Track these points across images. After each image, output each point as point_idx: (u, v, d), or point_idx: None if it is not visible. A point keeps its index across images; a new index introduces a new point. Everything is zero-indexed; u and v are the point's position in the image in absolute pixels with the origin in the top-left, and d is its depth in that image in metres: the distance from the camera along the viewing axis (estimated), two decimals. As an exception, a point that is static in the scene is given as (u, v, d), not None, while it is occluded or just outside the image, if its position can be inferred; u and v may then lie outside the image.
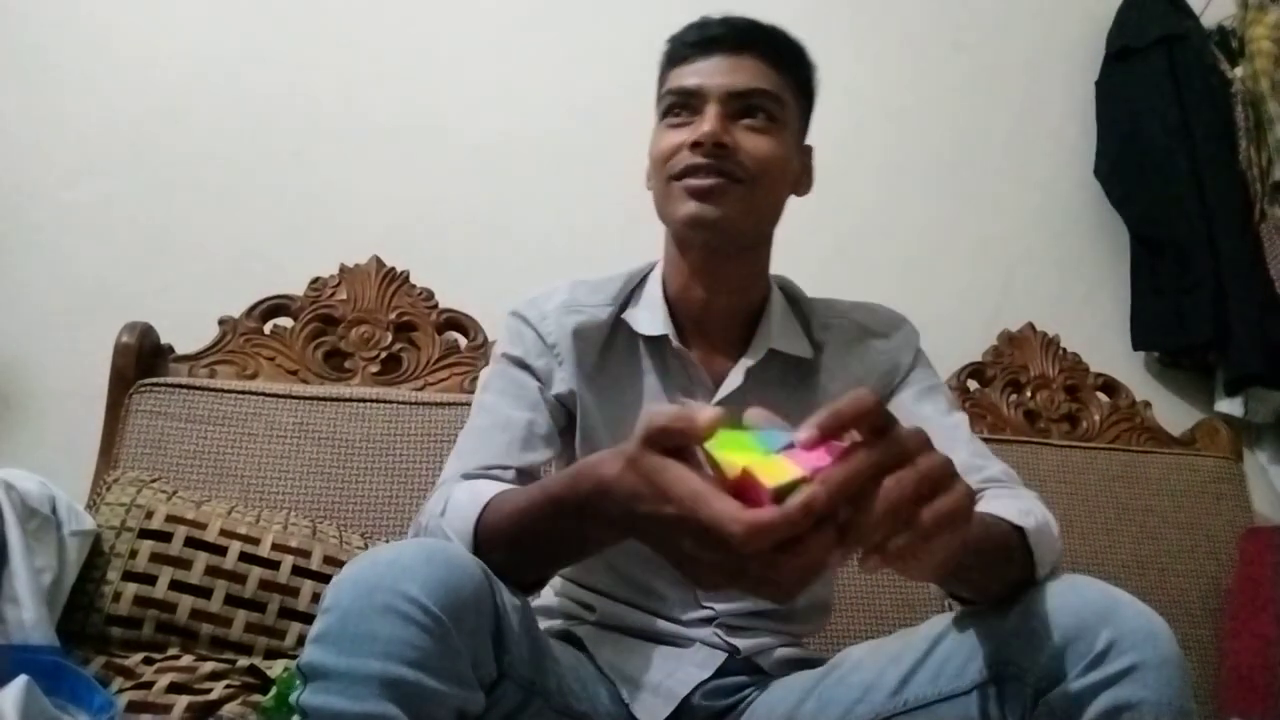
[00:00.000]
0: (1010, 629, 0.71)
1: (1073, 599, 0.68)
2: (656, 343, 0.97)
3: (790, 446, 0.52)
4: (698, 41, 0.92)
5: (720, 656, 0.92)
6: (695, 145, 0.88)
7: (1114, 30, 2.03)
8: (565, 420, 0.96)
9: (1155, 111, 1.91)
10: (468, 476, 0.83)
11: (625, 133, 1.82)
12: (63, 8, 1.63)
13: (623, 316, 0.97)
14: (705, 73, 0.91)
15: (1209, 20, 2.02)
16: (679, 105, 0.92)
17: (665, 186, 0.92)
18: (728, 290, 0.96)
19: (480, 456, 0.87)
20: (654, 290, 0.99)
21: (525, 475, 0.88)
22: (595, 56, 1.83)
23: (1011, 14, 2.05)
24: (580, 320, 0.97)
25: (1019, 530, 0.74)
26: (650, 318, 0.97)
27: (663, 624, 0.93)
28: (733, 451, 0.52)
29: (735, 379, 0.94)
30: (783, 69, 0.93)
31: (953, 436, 0.92)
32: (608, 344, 0.97)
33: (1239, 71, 1.95)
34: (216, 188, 1.63)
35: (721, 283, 0.96)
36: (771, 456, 0.51)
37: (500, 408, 0.92)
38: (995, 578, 0.73)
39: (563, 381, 0.95)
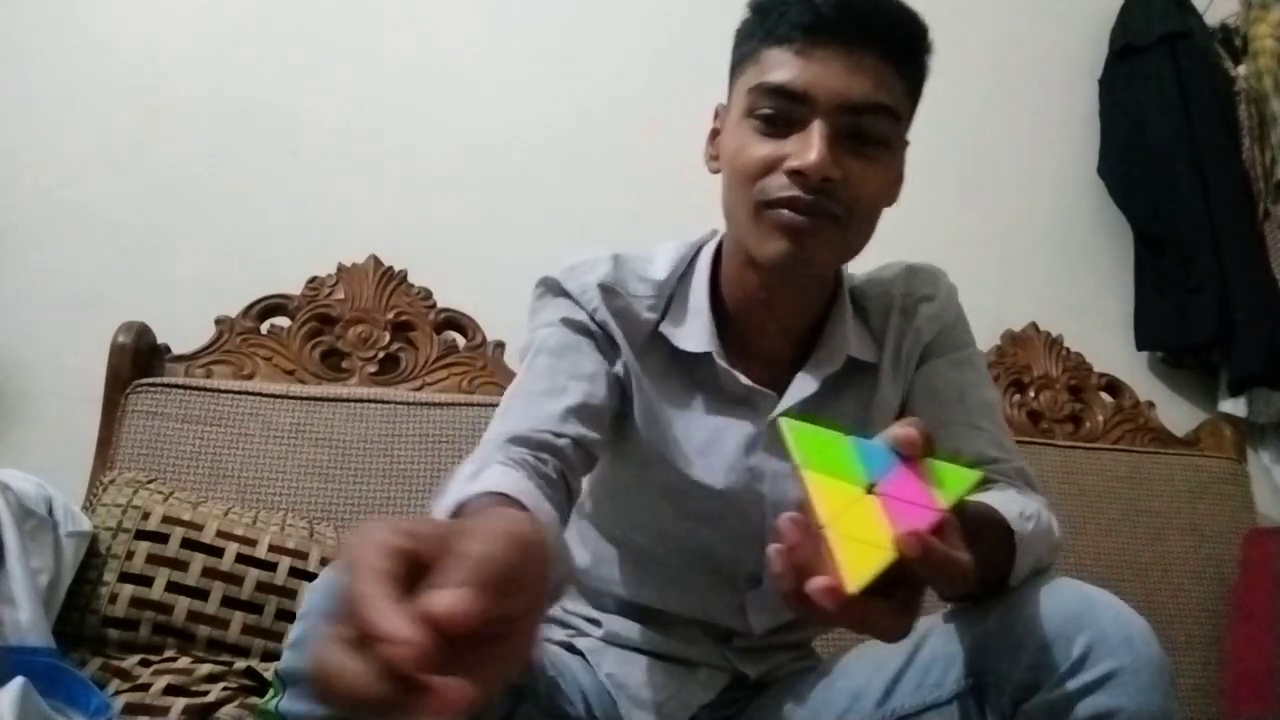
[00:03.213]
0: (987, 636, 0.69)
1: (1048, 604, 0.66)
2: (701, 356, 0.86)
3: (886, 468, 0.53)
4: (810, 25, 0.75)
5: (725, 679, 0.89)
6: (796, 173, 0.74)
7: (1117, 29, 2.02)
8: (619, 403, 0.85)
9: (1158, 110, 1.90)
10: (515, 440, 0.73)
11: (625, 131, 1.83)
12: (61, 8, 1.62)
13: (660, 330, 0.86)
14: (815, 72, 0.74)
15: (1212, 19, 2.02)
16: (776, 108, 0.76)
17: (750, 208, 0.78)
18: (797, 304, 0.86)
19: (532, 420, 0.76)
20: (699, 295, 0.87)
21: (580, 449, 0.77)
22: (594, 55, 1.82)
23: (1014, 12, 2.04)
24: (622, 306, 0.85)
25: (1010, 532, 0.71)
26: (694, 331, 0.86)
27: (671, 646, 0.90)
28: (829, 479, 0.51)
29: (806, 386, 0.85)
30: (904, 68, 0.79)
31: (980, 420, 0.87)
32: (646, 346, 0.86)
33: (1242, 70, 1.94)
34: (213, 187, 1.62)
35: (791, 300, 0.86)
36: (866, 503, 0.51)
37: (555, 372, 0.80)
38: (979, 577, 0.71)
39: (618, 359, 0.85)
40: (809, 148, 0.74)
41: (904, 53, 0.79)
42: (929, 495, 0.51)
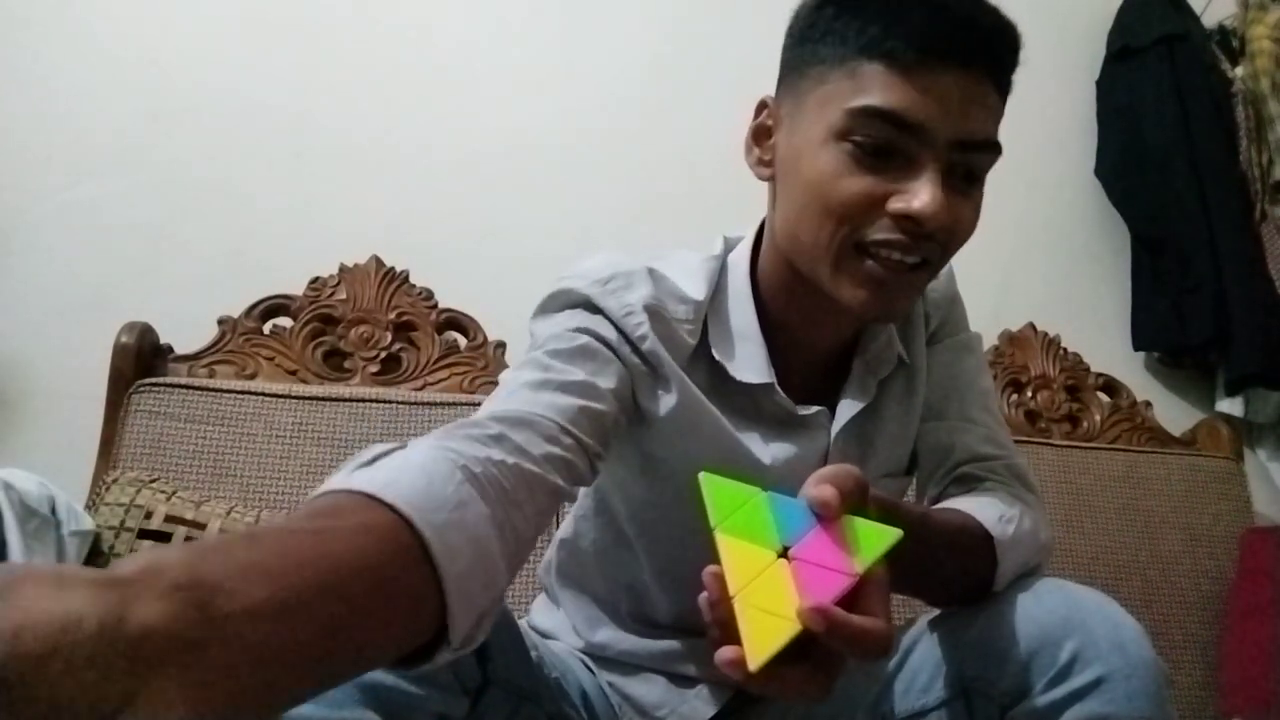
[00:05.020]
0: (974, 641, 0.68)
1: (1034, 609, 0.65)
2: (754, 385, 0.79)
3: (806, 528, 0.51)
4: (926, 44, 0.65)
5: (727, 694, 0.87)
6: (905, 218, 0.66)
7: (1114, 30, 2.03)
8: (627, 421, 0.76)
9: (1156, 111, 1.91)
10: (498, 419, 0.61)
11: (625, 133, 1.83)
12: (61, 9, 1.63)
13: (714, 357, 0.78)
14: (932, 101, 0.65)
15: (1209, 20, 2.03)
16: (880, 137, 0.66)
17: (836, 247, 0.69)
18: (848, 322, 0.81)
19: (517, 402, 0.64)
20: (743, 318, 0.79)
21: (580, 443, 0.65)
22: (594, 58, 1.83)
23: (1011, 13, 2.04)
24: (669, 332, 0.76)
25: (989, 537, 0.70)
26: (747, 359, 0.78)
27: (675, 663, 0.88)
28: (742, 541, 0.51)
29: (858, 398, 0.81)
30: (1004, 90, 0.72)
31: (975, 411, 0.86)
32: (688, 373, 0.77)
33: (1239, 71, 1.95)
34: (216, 187, 1.63)
35: (845, 320, 0.80)
36: (776, 570, 0.49)
37: (553, 365, 0.69)
38: (951, 585, 0.71)
39: (652, 396, 0.76)
40: (923, 191, 0.65)
41: (1007, 74, 0.71)
42: (844, 559, 0.50)
